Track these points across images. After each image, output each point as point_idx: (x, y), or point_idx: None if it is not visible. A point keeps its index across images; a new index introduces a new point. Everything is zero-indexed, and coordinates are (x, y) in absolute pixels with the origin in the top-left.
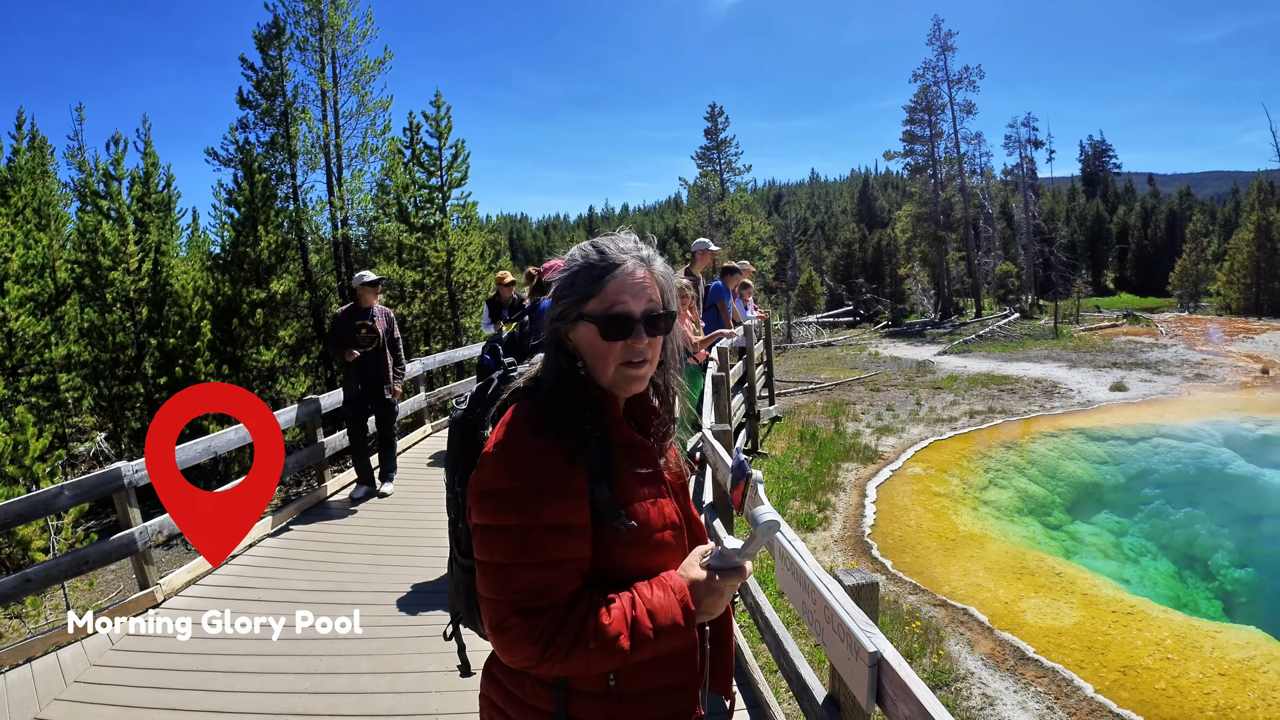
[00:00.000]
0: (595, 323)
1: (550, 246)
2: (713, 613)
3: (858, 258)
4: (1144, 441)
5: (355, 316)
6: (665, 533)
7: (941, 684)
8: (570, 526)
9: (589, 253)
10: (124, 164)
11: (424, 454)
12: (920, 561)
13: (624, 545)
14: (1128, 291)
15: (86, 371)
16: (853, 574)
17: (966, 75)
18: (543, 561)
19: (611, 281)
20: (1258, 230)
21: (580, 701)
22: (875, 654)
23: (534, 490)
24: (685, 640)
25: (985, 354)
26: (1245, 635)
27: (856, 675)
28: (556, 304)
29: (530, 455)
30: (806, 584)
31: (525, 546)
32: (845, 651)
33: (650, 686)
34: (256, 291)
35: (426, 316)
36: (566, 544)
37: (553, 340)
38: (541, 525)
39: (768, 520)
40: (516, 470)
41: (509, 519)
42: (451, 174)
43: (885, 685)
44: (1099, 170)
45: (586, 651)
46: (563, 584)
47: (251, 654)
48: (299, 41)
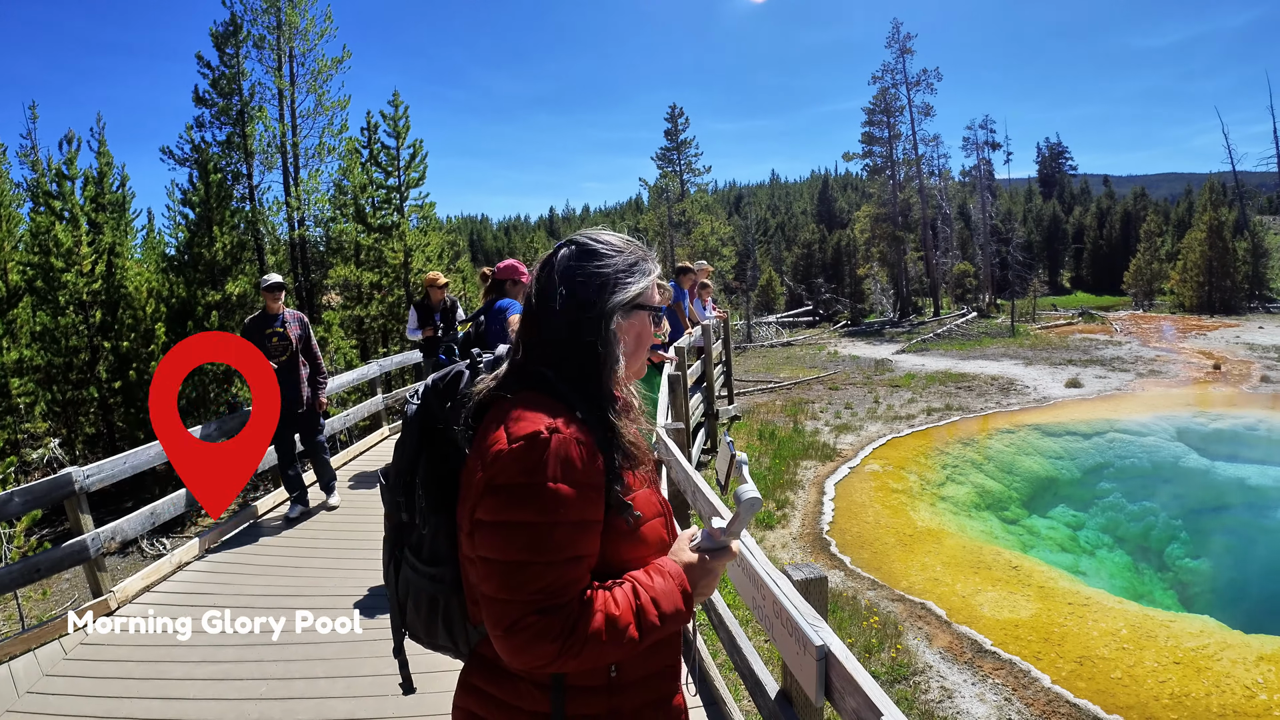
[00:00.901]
0: (649, 310)
1: (511, 247)
2: (707, 593)
3: (817, 258)
4: (1099, 436)
5: (264, 324)
6: (656, 521)
7: (900, 678)
8: (593, 522)
9: (634, 245)
10: (77, 164)
11: (381, 457)
12: (878, 557)
13: (625, 538)
14: (1084, 290)
15: (39, 376)
16: (801, 569)
17: (925, 78)
18: (566, 559)
19: (648, 275)
20: (1210, 230)
21: (579, 698)
22: (823, 648)
23: (564, 485)
24: (682, 623)
25: (943, 352)
26: (1199, 624)
27: (805, 670)
28: (617, 288)
29: (560, 448)
30: (756, 580)
31: (549, 543)
32: (794, 646)
33: (645, 673)
34: (212, 293)
35: (384, 318)
36: (588, 540)
37: (606, 324)
38: (568, 521)
39: (749, 497)
40: (542, 464)
41: (531, 515)
42: (409, 174)
43: (833, 679)
44: (1055, 172)
45: (600, 645)
46: (580, 580)
47: (206, 660)
48: (256, 40)
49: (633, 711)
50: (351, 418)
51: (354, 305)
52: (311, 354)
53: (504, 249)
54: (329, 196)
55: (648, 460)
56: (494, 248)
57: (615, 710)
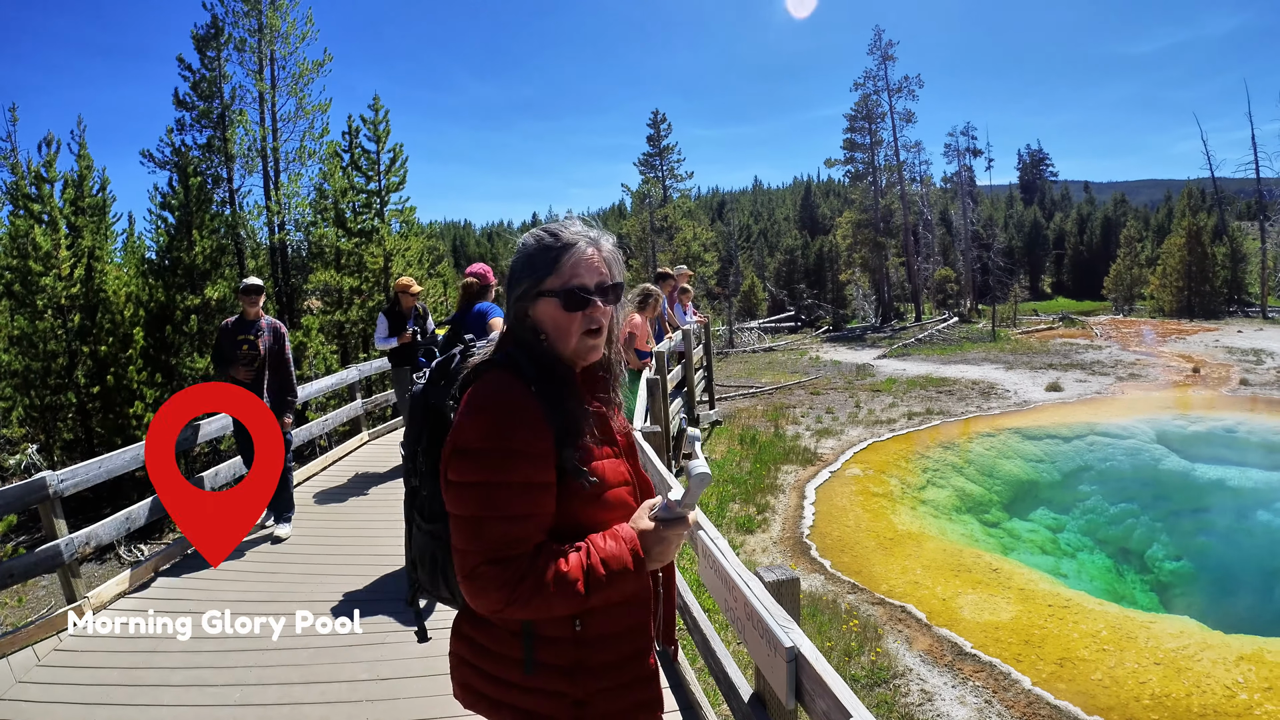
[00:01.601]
0: (557, 297)
1: (494, 253)
2: (662, 560)
3: (800, 264)
4: (1079, 440)
5: (238, 331)
6: (621, 489)
7: (880, 681)
8: (537, 485)
9: (542, 236)
10: (56, 166)
11: (359, 462)
12: (859, 561)
13: (585, 501)
14: (1064, 296)
15: (17, 381)
16: (773, 570)
17: (906, 84)
18: (512, 515)
19: (568, 260)
20: (1189, 236)
21: (548, 646)
22: (793, 649)
23: (505, 451)
24: (637, 585)
25: (924, 357)
26: (1179, 625)
27: (776, 671)
28: (517, 284)
29: (503, 418)
30: (728, 581)
31: (496, 501)
32: (765, 648)
33: (612, 630)
34: (191, 298)
35: (364, 323)
36: (534, 500)
37: (518, 317)
38: (515, 483)
39: (699, 472)
40: (490, 432)
41: (482, 476)
42: (390, 178)
43: (804, 681)
44: (1036, 178)
45: (548, 596)
46: (529, 536)
47: (181, 666)
48: (237, 42)
49: (600, 665)
50: (330, 422)
51: (334, 310)
52: (282, 368)
53: (486, 254)
54: (309, 201)
55: (614, 432)
56: (476, 253)
57: (582, 662)
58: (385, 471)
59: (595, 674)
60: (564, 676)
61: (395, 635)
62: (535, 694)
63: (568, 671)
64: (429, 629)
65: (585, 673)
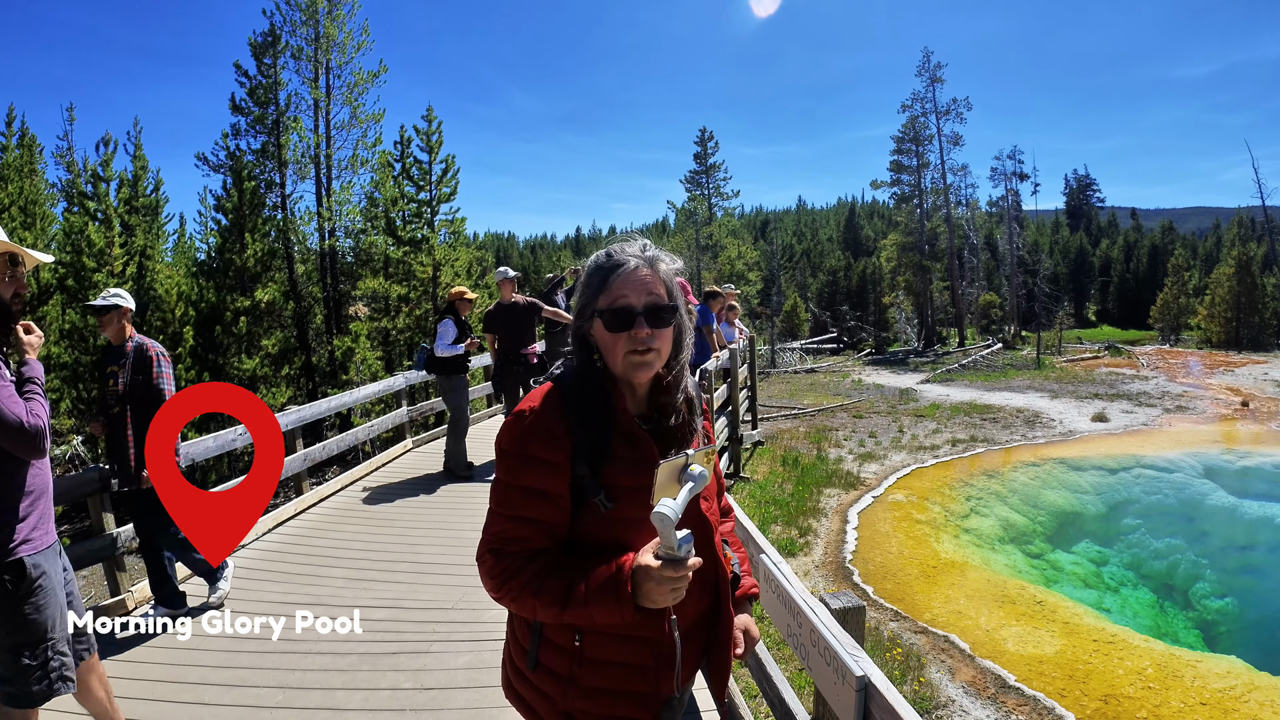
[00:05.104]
0: (601, 317)
1: (537, 266)
2: (652, 600)
3: (842, 285)
4: (1125, 472)
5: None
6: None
7: (923, 711)
8: (542, 492)
9: (599, 257)
10: (113, 166)
11: (403, 469)
12: (901, 588)
13: (600, 521)
14: (1109, 324)
15: (66, 374)
16: (839, 597)
17: (954, 107)
18: (515, 516)
19: (616, 280)
20: (1238, 265)
21: (550, 650)
22: (863, 678)
23: (520, 456)
24: (618, 617)
25: (968, 383)
26: (1226, 665)
27: (843, 700)
28: (578, 304)
29: (526, 427)
30: (793, 607)
31: (506, 499)
32: (831, 676)
33: (611, 659)
34: (240, 299)
35: (411, 331)
36: (537, 506)
37: (577, 336)
38: (521, 485)
39: (656, 512)
40: (515, 437)
41: (501, 474)
42: (441, 189)
43: (873, 710)
44: (1083, 204)
45: (530, 599)
46: (529, 539)
47: (223, 666)
48: (294, 51)
49: (591, 689)
50: (376, 429)
51: (381, 317)
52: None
53: (530, 266)
54: (360, 208)
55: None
56: (520, 266)
57: (575, 678)
58: (428, 479)
59: (585, 694)
60: (558, 683)
61: (440, 645)
62: (534, 690)
63: (562, 681)
64: (473, 641)
65: (576, 689)
